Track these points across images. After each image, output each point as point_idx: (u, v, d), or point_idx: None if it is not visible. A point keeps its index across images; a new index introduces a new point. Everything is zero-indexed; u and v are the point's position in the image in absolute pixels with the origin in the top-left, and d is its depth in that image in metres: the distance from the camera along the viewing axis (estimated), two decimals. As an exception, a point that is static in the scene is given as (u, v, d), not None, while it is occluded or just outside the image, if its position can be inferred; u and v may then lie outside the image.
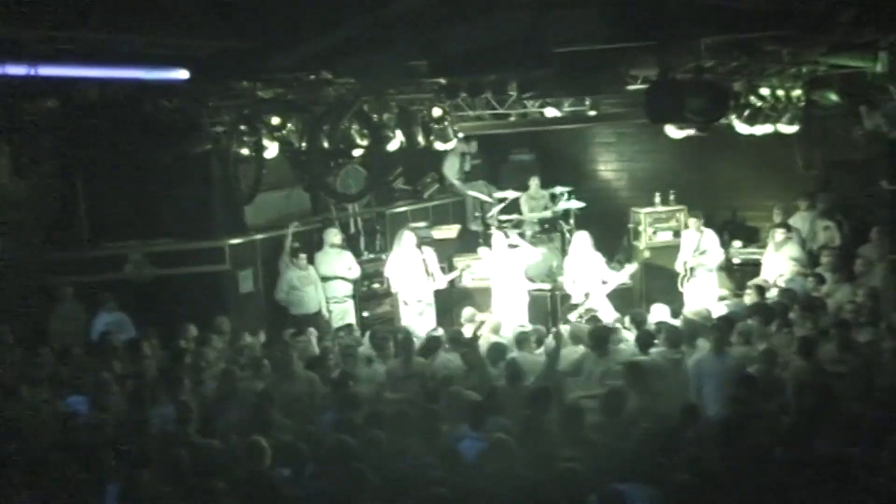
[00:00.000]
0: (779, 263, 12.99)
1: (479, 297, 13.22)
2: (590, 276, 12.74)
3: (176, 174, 12.03)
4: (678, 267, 13.45)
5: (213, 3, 8.22)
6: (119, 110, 10.41)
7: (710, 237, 13.46)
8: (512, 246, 13.17)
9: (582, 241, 12.89)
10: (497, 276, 12.89)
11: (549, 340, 10.11)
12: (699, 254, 13.29)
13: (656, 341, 9.65)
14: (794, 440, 6.78)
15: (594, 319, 11.29)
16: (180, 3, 8.05)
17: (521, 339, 10.02)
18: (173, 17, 8.16)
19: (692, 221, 13.63)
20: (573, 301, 12.89)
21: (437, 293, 13.19)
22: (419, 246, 13.01)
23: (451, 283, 13.43)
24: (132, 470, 6.83)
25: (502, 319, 11.56)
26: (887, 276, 11.85)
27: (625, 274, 13.12)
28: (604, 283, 12.74)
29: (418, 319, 12.55)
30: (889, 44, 9.45)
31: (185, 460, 7.06)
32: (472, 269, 13.62)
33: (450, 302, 13.48)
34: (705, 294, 13.06)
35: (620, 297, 12.99)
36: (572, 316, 12.36)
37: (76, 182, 12.50)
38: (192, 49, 9.04)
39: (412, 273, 12.86)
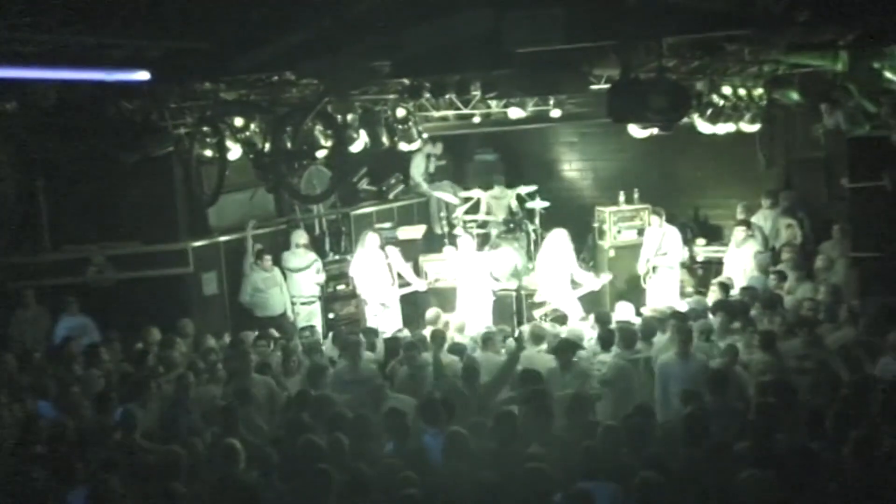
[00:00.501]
0: (740, 261, 13.10)
1: (445, 297, 13.21)
2: (562, 274, 12.76)
3: (138, 176, 11.92)
4: (640, 266, 13.52)
5: (175, 3, 8.16)
6: (79, 112, 10.30)
7: (672, 235, 13.52)
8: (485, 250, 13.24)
9: (559, 238, 12.86)
10: (462, 277, 12.89)
11: (510, 342, 10.14)
12: (661, 253, 13.36)
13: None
14: (756, 436, 6.82)
15: (559, 319, 11.33)
16: (140, 3, 7.98)
17: (487, 339, 10.01)
18: (133, 17, 8.08)
19: (654, 219, 13.69)
20: (540, 298, 12.91)
21: (404, 294, 13.20)
22: (383, 247, 12.98)
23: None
24: (100, 475, 6.74)
25: (467, 319, 11.55)
26: (848, 273, 11.98)
27: (599, 282, 13.19)
28: (575, 285, 12.78)
29: (383, 320, 12.54)
30: (848, 43, 9.55)
31: (148, 465, 7.01)
32: (438, 273, 13.65)
33: (416, 302, 13.47)
34: (668, 292, 13.15)
35: (587, 296, 13.06)
36: (537, 314, 12.40)
37: (37, 185, 12.36)
38: (153, 50, 8.97)
39: (376, 275, 12.83)
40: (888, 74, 9.70)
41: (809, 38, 9.75)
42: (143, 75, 9.02)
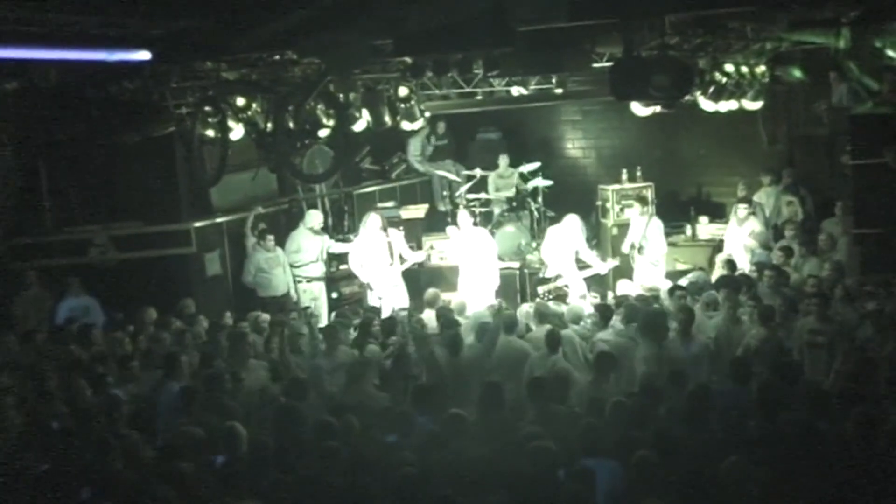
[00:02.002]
0: (741, 238, 13.10)
1: (449, 277, 13.17)
2: (568, 257, 12.75)
3: (140, 156, 11.93)
4: (624, 246, 13.47)
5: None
6: (81, 92, 10.29)
7: (655, 226, 13.37)
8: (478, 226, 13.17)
9: (572, 224, 12.82)
10: (464, 256, 12.86)
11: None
12: (639, 247, 13.25)
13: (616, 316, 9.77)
14: (759, 414, 6.84)
15: (561, 297, 11.35)
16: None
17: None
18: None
19: (636, 206, 13.60)
20: (547, 275, 12.90)
21: (407, 273, 13.15)
22: (385, 229, 12.90)
23: (420, 264, 13.39)
24: (103, 459, 6.73)
25: (467, 300, 11.52)
26: (851, 250, 11.97)
27: (605, 266, 13.19)
28: (581, 268, 12.78)
29: (384, 302, 12.48)
30: (850, 20, 9.51)
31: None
32: (440, 250, 13.61)
33: (419, 282, 13.46)
34: (654, 278, 13.11)
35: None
36: (541, 290, 12.40)
37: (39, 166, 12.36)
38: (154, 29, 8.94)
39: (376, 257, 12.71)
40: (890, 52, 9.65)
41: (811, 15, 9.73)
42: (144, 55, 8.99)
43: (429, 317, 10.53)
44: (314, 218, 13.12)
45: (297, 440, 7.05)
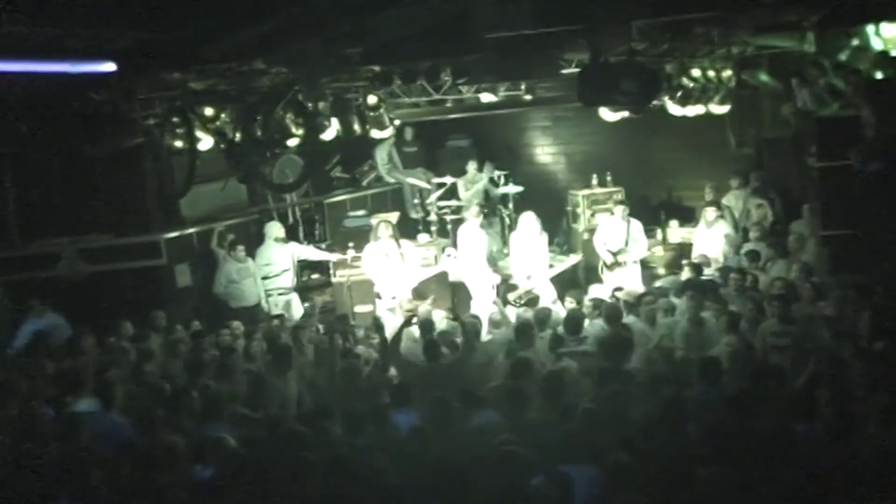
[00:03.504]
0: (710, 241, 13.18)
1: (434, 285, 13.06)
2: (534, 258, 12.76)
3: (108, 168, 11.84)
4: (602, 253, 13.45)
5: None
6: (46, 104, 10.20)
7: (637, 227, 13.49)
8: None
9: (529, 222, 12.86)
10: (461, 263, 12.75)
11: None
12: (625, 249, 13.32)
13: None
14: (730, 418, 6.86)
15: (531, 302, 11.36)
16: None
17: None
18: (99, 7, 8.01)
19: (619, 209, 13.66)
20: (514, 282, 12.92)
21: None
22: (396, 238, 12.63)
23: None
24: (80, 472, 6.65)
25: (432, 307, 11.46)
26: (819, 252, 12.07)
27: (568, 263, 13.21)
28: (550, 266, 12.80)
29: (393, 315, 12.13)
30: (812, 24, 9.61)
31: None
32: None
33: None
34: (630, 283, 13.15)
35: (561, 279, 13.10)
36: (511, 296, 12.41)
37: (4, 179, 12.23)
38: (120, 40, 8.89)
39: (389, 266, 12.44)
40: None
41: (775, 20, 9.82)
42: (109, 66, 8.94)
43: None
44: (275, 229, 13.07)
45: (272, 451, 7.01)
